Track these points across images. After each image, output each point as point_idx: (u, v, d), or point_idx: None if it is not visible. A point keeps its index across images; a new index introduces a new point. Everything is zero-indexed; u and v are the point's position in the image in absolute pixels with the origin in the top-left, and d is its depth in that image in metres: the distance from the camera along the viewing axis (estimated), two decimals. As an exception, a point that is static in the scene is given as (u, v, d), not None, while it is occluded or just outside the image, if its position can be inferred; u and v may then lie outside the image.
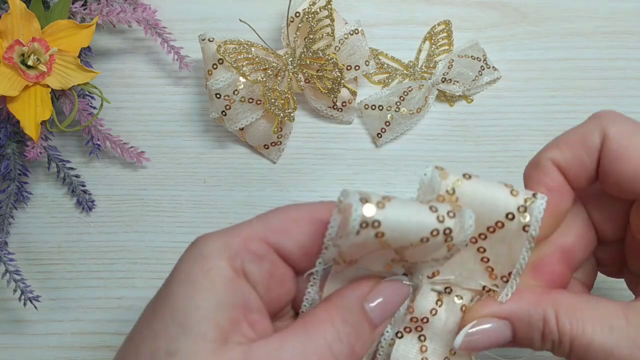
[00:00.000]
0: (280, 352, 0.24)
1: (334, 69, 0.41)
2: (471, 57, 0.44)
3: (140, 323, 0.26)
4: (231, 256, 0.25)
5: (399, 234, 0.23)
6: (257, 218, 0.27)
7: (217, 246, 0.25)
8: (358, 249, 0.25)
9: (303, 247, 0.26)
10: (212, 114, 0.42)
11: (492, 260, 0.27)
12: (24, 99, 0.38)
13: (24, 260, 0.44)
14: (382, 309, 0.26)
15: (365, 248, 0.24)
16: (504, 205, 0.25)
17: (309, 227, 0.26)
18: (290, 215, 0.26)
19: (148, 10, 0.42)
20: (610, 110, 0.28)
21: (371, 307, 0.26)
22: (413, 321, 0.28)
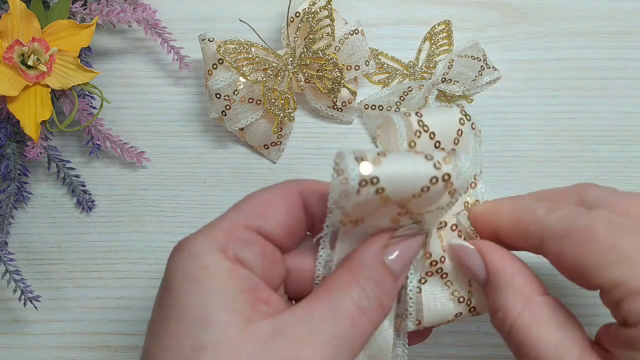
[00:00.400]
0: (311, 317, 0.24)
1: (334, 69, 0.41)
2: (471, 57, 0.44)
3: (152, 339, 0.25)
4: (221, 248, 0.25)
5: (399, 187, 0.24)
6: (231, 209, 0.27)
7: (204, 243, 0.26)
8: (362, 207, 0.25)
9: (283, 226, 0.27)
10: (212, 114, 0.42)
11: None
12: (24, 99, 0.38)
13: (24, 260, 0.44)
14: (400, 259, 0.27)
15: (369, 206, 0.25)
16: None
17: (284, 206, 0.27)
18: (263, 199, 0.27)
19: (148, 10, 0.42)
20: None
21: (390, 260, 0.27)
22: (432, 265, 0.29)
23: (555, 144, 0.45)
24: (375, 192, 0.23)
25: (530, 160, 0.45)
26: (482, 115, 0.45)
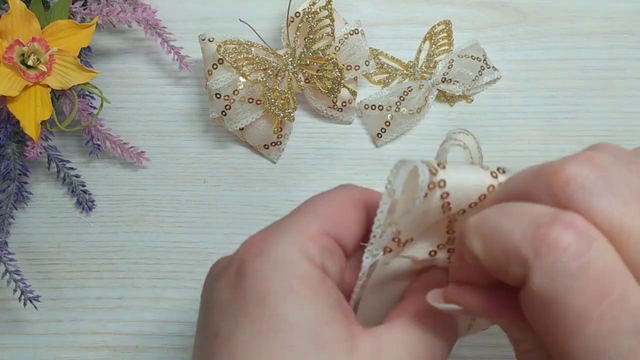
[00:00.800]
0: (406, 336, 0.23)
1: (334, 69, 0.41)
2: (471, 57, 0.44)
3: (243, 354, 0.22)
4: (310, 257, 0.23)
5: (462, 193, 0.23)
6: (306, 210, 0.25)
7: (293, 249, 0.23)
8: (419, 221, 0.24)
9: (355, 237, 0.25)
10: (212, 114, 0.42)
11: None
12: (24, 99, 0.38)
13: (24, 260, 0.44)
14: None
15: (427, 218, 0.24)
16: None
17: (356, 215, 0.25)
18: (338, 205, 0.25)
19: (148, 10, 0.42)
20: None
21: None
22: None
23: (555, 144, 0.45)
24: (440, 197, 0.23)
25: (530, 160, 0.45)
26: (482, 115, 0.45)
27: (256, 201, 0.44)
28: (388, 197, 0.24)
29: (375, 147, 0.45)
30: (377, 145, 0.45)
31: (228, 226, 0.44)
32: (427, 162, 0.23)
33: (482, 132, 0.45)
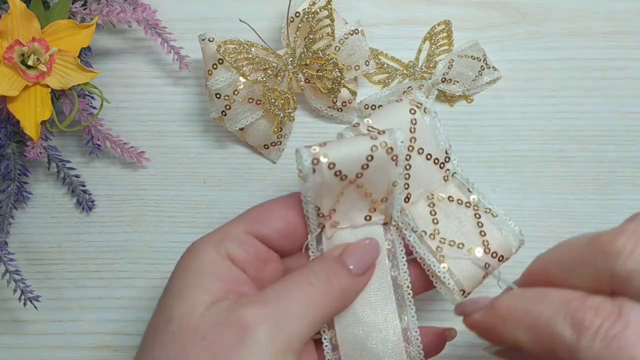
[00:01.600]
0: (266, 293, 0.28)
1: (334, 69, 0.41)
2: (471, 57, 0.44)
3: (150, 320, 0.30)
4: (215, 244, 0.29)
5: (346, 159, 0.28)
6: (235, 217, 0.31)
7: (203, 243, 0.30)
8: (326, 193, 0.29)
9: (279, 231, 0.30)
10: (212, 114, 0.42)
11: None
12: (24, 99, 0.38)
13: (24, 260, 0.44)
14: (357, 259, 0.30)
15: (331, 189, 0.29)
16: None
17: (281, 213, 0.31)
18: (264, 207, 0.31)
19: (148, 10, 0.42)
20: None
21: (348, 261, 0.30)
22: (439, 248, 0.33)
23: (555, 144, 0.45)
24: (328, 167, 0.28)
25: (530, 160, 0.45)
26: (482, 115, 0.45)
27: (256, 201, 0.44)
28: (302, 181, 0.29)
29: (375, 147, 0.45)
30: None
31: (228, 226, 0.44)
32: (310, 145, 0.28)
33: (482, 132, 0.45)
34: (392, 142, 0.29)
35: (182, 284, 0.28)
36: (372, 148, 0.28)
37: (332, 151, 0.28)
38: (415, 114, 0.32)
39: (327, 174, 0.28)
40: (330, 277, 0.29)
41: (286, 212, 0.31)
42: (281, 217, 0.31)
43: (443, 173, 0.34)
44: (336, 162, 0.28)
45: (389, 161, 0.29)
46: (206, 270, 0.28)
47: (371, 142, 0.28)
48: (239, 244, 0.29)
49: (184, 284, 0.28)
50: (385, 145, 0.28)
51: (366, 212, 0.31)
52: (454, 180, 0.34)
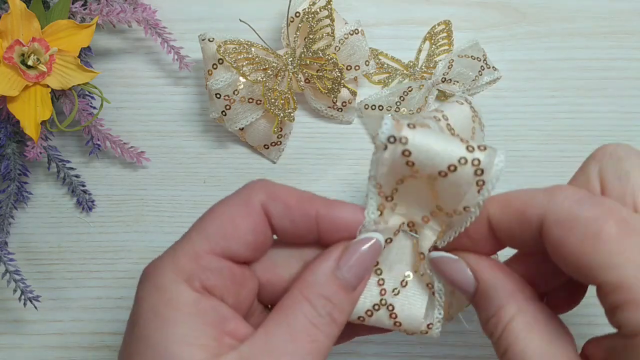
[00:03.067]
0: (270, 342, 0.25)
1: (334, 69, 0.41)
2: (471, 57, 0.44)
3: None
4: (187, 278, 0.25)
5: (426, 156, 0.24)
6: (195, 230, 0.26)
7: (170, 273, 0.25)
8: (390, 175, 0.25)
9: (248, 245, 0.27)
10: (212, 114, 0.42)
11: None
12: (24, 99, 0.38)
13: (24, 260, 0.44)
14: (355, 271, 0.27)
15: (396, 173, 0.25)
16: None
17: (248, 224, 0.26)
18: (227, 217, 0.26)
19: (148, 10, 0.42)
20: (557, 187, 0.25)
21: (343, 274, 0.26)
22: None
23: (555, 144, 0.45)
24: (402, 154, 0.24)
25: (530, 160, 0.45)
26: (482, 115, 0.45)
27: (256, 201, 0.44)
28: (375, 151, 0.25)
29: (375, 147, 0.45)
30: (377, 145, 0.45)
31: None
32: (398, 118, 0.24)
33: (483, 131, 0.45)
34: (487, 163, 0.24)
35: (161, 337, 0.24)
36: (461, 160, 0.24)
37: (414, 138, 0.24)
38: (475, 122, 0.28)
39: (399, 160, 0.24)
40: (333, 312, 0.26)
41: (253, 220, 0.27)
42: (249, 228, 0.26)
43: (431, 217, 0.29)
44: (413, 152, 0.24)
45: (472, 184, 0.25)
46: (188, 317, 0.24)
47: (463, 153, 0.24)
48: (213, 272, 0.25)
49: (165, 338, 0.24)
50: (477, 164, 0.24)
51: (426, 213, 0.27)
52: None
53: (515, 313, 0.26)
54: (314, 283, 0.26)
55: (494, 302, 0.26)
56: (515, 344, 0.25)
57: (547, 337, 0.25)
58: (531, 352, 0.24)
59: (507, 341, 0.25)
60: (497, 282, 0.27)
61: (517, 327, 0.25)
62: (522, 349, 0.25)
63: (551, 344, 0.25)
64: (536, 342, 0.25)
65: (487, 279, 0.27)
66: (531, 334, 0.25)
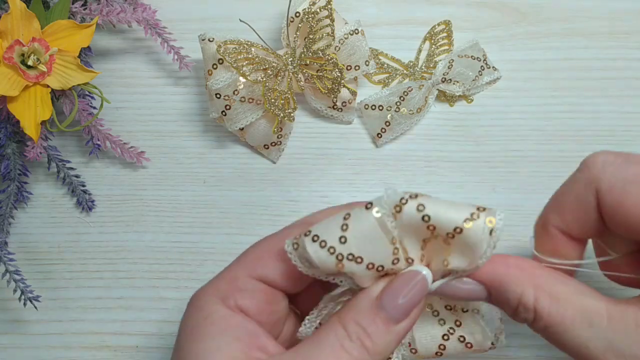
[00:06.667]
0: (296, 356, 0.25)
1: (334, 69, 0.41)
2: (471, 57, 0.44)
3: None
4: (223, 298, 0.27)
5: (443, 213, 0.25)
6: (235, 260, 0.29)
7: (210, 295, 0.28)
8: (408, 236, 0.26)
9: (284, 273, 0.28)
10: (212, 114, 0.42)
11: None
12: (24, 99, 0.38)
13: (24, 260, 0.44)
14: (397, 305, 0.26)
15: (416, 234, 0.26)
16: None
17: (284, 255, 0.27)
18: (264, 247, 0.29)
19: (148, 10, 0.42)
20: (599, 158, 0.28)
21: (384, 305, 0.26)
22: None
23: (555, 144, 0.45)
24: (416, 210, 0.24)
25: (530, 160, 0.45)
26: (482, 115, 0.45)
27: (256, 201, 0.44)
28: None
29: (375, 147, 0.45)
30: (377, 145, 0.45)
31: (228, 226, 0.44)
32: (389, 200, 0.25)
33: (482, 132, 0.45)
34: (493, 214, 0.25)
35: (197, 347, 0.26)
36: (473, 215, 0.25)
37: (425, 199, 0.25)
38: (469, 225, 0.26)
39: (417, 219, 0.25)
40: (365, 339, 0.26)
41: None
42: (282, 258, 0.28)
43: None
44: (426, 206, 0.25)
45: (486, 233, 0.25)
46: (221, 331, 0.26)
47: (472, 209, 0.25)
48: (247, 292, 0.27)
49: (200, 349, 0.26)
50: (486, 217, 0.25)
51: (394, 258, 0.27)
52: None
53: (537, 292, 0.26)
54: (351, 310, 0.26)
55: (512, 295, 0.27)
56: (551, 318, 0.26)
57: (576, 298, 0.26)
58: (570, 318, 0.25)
59: (543, 321, 0.26)
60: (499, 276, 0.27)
61: (545, 304, 0.26)
62: (561, 320, 0.25)
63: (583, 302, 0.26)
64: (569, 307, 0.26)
65: (488, 277, 0.27)
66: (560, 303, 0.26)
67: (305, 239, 0.25)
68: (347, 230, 0.25)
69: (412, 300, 0.26)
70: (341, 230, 0.25)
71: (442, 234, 0.25)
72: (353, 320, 0.26)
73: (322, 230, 0.25)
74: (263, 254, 0.28)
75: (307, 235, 0.25)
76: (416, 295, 0.26)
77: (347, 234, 0.25)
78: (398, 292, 0.26)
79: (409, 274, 0.26)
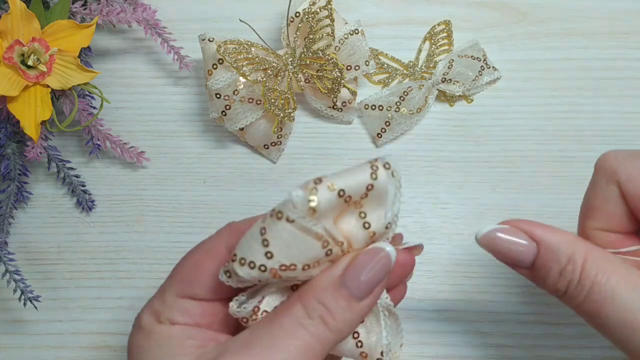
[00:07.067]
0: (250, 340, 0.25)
1: (334, 69, 0.41)
2: (471, 57, 0.44)
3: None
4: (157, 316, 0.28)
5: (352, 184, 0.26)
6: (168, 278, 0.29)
7: (147, 315, 0.29)
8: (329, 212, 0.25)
9: (213, 289, 0.28)
10: (212, 114, 0.42)
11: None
12: (24, 99, 0.38)
13: (24, 260, 0.44)
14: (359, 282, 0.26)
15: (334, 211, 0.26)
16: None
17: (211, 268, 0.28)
18: (192, 262, 0.29)
19: (148, 10, 0.42)
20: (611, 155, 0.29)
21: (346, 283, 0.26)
22: None
23: (555, 144, 0.45)
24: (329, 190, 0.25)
25: (530, 160, 0.45)
26: (482, 115, 0.45)
27: (256, 201, 0.44)
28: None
29: (375, 147, 0.45)
30: (377, 145, 0.45)
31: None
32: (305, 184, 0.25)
33: (482, 132, 0.45)
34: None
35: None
36: (372, 175, 0.26)
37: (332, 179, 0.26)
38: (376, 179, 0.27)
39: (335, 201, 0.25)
40: (326, 316, 0.25)
41: (217, 264, 0.28)
42: (212, 271, 0.28)
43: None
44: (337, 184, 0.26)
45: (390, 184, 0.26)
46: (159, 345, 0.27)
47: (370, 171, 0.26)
48: (179, 311, 0.28)
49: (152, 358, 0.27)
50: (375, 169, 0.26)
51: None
52: None
53: (587, 252, 0.27)
54: (312, 288, 0.26)
55: (563, 253, 0.27)
56: (599, 276, 0.26)
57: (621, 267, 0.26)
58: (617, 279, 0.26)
59: (589, 279, 0.26)
60: (558, 237, 0.27)
61: (595, 262, 0.26)
62: (607, 279, 0.26)
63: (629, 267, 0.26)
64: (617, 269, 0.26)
65: (548, 238, 0.27)
66: (609, 263, 0.26)
67: (234, 265, 0.25)
68: (269, 245, 0.24)
69: (375, 277, 0.26)
70: (263, 247, 0.24)
71: (357, 199, 0.26)
72: (314, 298, 0.25)
73: (245, 251, 0.25)
74: (190, 270, 0.28)
75: (234, 260, 0.25)
76: (379, 272, 0.26)
77: (270, 249, 0.24)
78: (360, 269, 0.26)
79: (372, 251, 0.26)
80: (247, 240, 0.25)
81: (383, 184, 0.26)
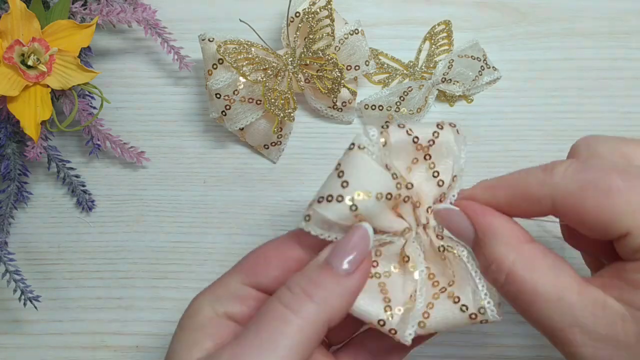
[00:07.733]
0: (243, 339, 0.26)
1: (334, 69, 0.41)
2: (471, 57, 0.44)
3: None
4: (213, 301, 0.29)
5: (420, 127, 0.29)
6: (235, 265, 0.30)
7: (204, 298, 0.29)
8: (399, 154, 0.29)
9: (278, 280, 0.28)
10: (212, 114, 0.42)
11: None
12: (24, 99, 0.38)
13: (24, 260, 0.44)
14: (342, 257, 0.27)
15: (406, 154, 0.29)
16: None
17: (279, 260, 0.29)
18: (260, 253, 0.30)
19: (148, 10, 0.42)
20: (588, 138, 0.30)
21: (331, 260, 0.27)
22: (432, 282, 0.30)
23: (555, 144, 0.45)
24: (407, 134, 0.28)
25: (530, 160, 0.45)
26: (482, 115, 0.45)
27: (256, 201, 0.45)
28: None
29: (375, 147, 0.45)
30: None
31: (228, 226, 0.44)
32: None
33: (482, 132, 0.45)
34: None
35: (179, 343, 0.28)
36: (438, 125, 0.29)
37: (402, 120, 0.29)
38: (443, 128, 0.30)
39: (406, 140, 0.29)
40: (308, 288, 0.26)
41: (284, 257, 0.29)
42: (279, 264, 0.29)
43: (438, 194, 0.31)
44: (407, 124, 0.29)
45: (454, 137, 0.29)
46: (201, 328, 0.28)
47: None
48: (238, 299, 0.28)
49: (181, 343, 0.28)
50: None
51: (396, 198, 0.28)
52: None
53: (515, 257, 0.26)
54: (298, 274, 0.27)
55: (492, 247, 0.27)
56: (524, 285, 0.26)
57: (552, 271, 0.26)
58: (542, 289, 0.25)
59: (515, 286, 0.26)
60: (493, 227, 0.27)
61: (521, 270, 0.26)
62: (533, 288, 0.25)
63: (558, 276, 0.26)
64: (544, 278, 0.26)
65: (483, 226, 0.28)
66: (536, 272, 0.26)
67: (314, 204, 0.26)
68: (344, 174, 0.26)
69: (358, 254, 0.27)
70: (339, 177, 0.26)
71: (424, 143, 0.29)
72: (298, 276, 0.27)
73: (323, 190, 0.27)
74: (259, 260, 0.29)
75: (313, 203, 0.26)
76: (360, 247, 0.27)
77: (345, 178, 0.26)
78: (342, 246, 0.27)
79: (351, 229, 0.27)
80: (325, 182, 0.27)
81: (447, 134, 0.29)
